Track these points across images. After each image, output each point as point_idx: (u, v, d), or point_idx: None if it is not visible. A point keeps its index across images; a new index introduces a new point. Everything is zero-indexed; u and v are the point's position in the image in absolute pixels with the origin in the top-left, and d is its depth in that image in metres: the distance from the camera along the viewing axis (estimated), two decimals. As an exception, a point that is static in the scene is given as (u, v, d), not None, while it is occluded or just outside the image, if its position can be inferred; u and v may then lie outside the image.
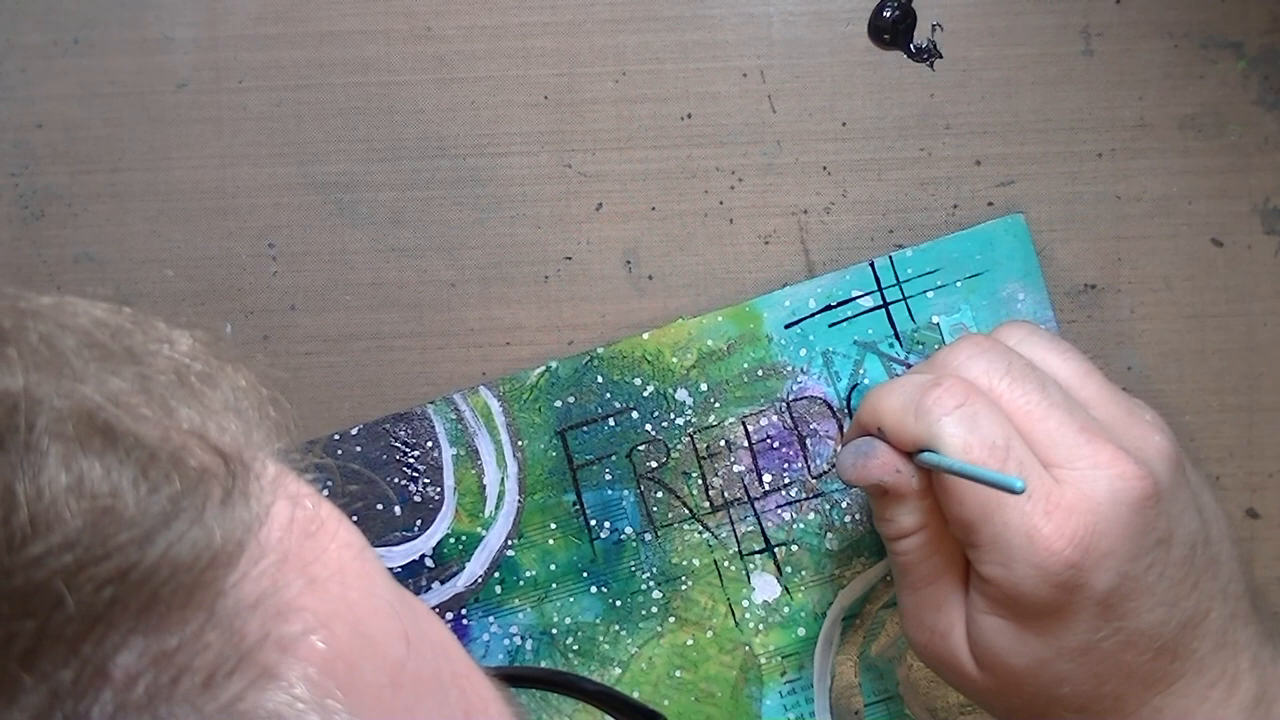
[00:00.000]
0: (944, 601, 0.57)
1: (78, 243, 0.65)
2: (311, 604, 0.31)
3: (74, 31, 0.65)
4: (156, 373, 0.32)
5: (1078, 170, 0.65)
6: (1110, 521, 0.52)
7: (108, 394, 0.30)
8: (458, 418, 0.64)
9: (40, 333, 0.31)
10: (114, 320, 0.33)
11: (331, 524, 0.34)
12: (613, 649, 0.64)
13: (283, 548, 0.31)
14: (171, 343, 0.33)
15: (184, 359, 0.33)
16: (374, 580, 0.34)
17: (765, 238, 0.65)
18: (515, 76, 0.65)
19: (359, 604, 0.33)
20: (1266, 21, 0.64)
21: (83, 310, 0.33)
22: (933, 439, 0.54)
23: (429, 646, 0.35)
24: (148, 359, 0.32)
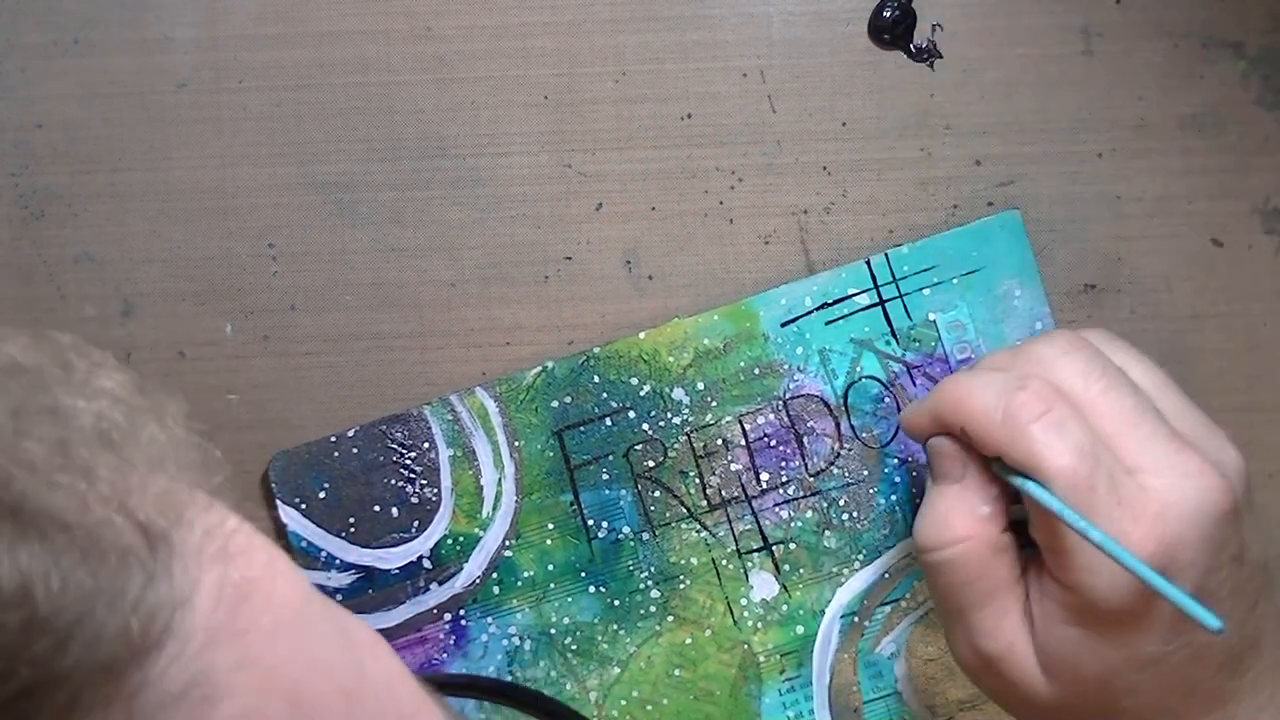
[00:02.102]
0: (996, 627, 0.56)
1: (78, 243, 0.65)
2: (243, 683, 0.29)
3: (74, 31, 0.65)
4: (76, 431, 0.30)
5: (1078, 170, 0.65)
6: (1194, 531, 0.52)
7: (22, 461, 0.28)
8: (454, 419, 0.64)
9: None
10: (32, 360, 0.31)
11: (265, 582, 0.32)
12: (611, 648, 0.64)
13: (211, 623, 0.29)
14: (93, 393, 0.31)
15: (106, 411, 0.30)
16: (312, 638, 0.32)
17: (765, 238, 0.65)
18: (515, 76, 0.65)
19: (295, 670, 0.31)
20: (1266, 21, 0.64)
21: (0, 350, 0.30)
22: (1020, 447, 0.54)
23: (372, 694, 0.33)
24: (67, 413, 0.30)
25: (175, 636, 0.28)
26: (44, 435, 0.29)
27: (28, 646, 0.26)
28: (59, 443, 0.29)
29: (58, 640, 0.26)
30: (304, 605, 0.33)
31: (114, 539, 0.28)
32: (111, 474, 0.29)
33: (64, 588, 0.27)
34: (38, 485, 0.28)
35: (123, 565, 0.28)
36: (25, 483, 0.28)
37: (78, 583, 0.27)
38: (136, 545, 0.28)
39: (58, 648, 0.26)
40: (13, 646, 0.26)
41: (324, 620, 0.33)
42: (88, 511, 0.28)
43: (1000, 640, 0.56)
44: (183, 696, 0.28)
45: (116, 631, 0.27)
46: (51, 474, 0.28)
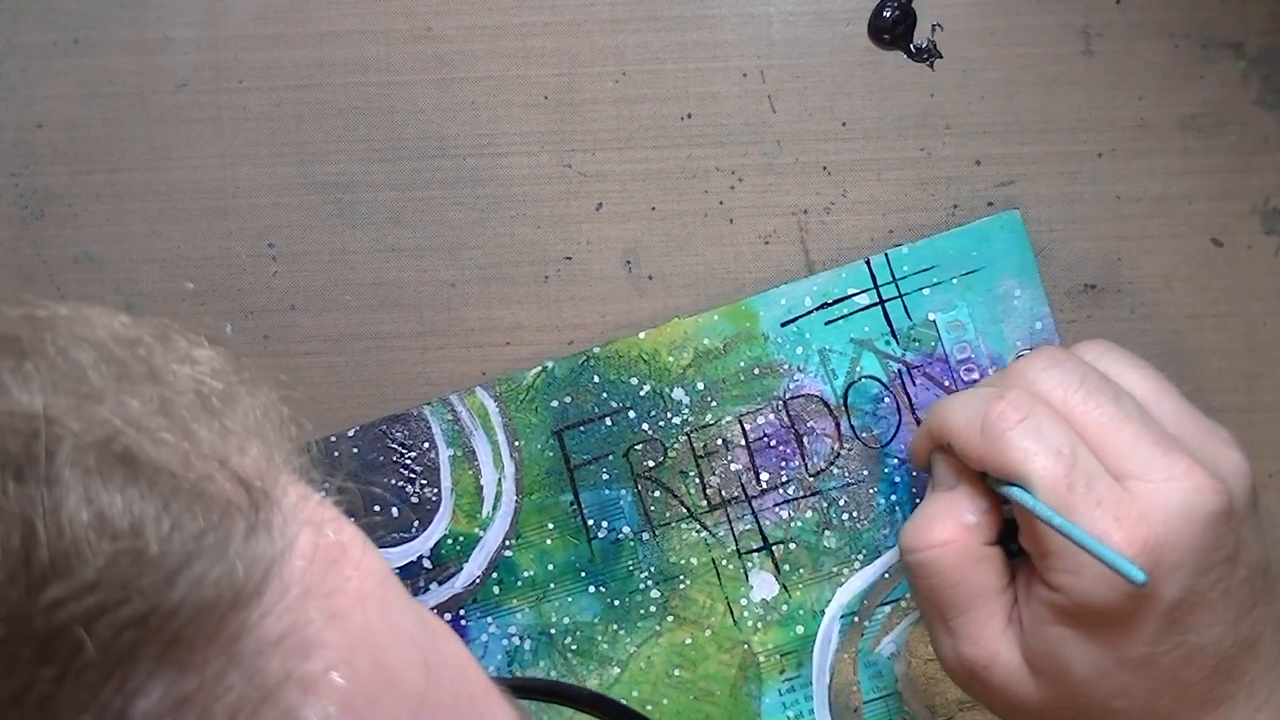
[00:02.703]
0: (979, 634, 0.56)
1: (78, 243, 0.66)
2: (333, 639, 0.30)
3: (74, 31, 0.65)
4: (177, 393, 0.31)
5: (1078, 170, 0.65)
6: (1182, 534, 0.52)
7: (128, 417, 0.29)
8: (454, 418, 0.64)
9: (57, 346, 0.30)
10: (133, 334, 0.32)
11: (354, 551, 0.33)
12: (611, 648, 0.64)
13: (305, 580, 0.31)
14: (193, 361, 0.32)
15: (205, 378, 0.32)
16: (395, 608, 0.34)
17: (765, 238, 0.65)
18: (515, 76, 0.65)
19: (380, 634, 0.32)
20: (1266, 21, 0.64)
21: (101, 322, 0.32)
22: (999, 454, 0.54)
23: (448, 671, 0.34)
24: (168, 378, 0.31)
25: (273, 587, 0.29)
26: (147, 396, 0.30)
27: (137, 579, 0.27)
28: (161, 403, 0.30)
29: (166, 576, 0.27)
30: (387, 577, 0.34)
31: (217, 492, 0.29)
32: (211, 435, 0.31)
33: (172, 531, 0.28)
34: (143, 440, 0.29)
35: (226, 515, 0.29)
36: (131, 437, 0.29)
37: (184, 527, 0.28)
38: (238, 498, 0.30)
39: (166, 583, 0.27)
40: (124, 578, 0.27)
41: (404, 595, 0.35)
42: (191, 466, 0.29)
43: (983, 648, 0.56)
44: (278, 644, 0.29)
45: (221, 574, 0.28)
46: (156, 431, 0.30)
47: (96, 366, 0.30)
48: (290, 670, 0.29)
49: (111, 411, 0.29)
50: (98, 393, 0.30)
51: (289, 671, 0.29)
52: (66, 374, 0.30)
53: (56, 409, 0.29)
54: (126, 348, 0.31)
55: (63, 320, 0.31)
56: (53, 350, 0.30)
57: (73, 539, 0.27)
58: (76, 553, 0.27)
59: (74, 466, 0.28)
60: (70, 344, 0.30)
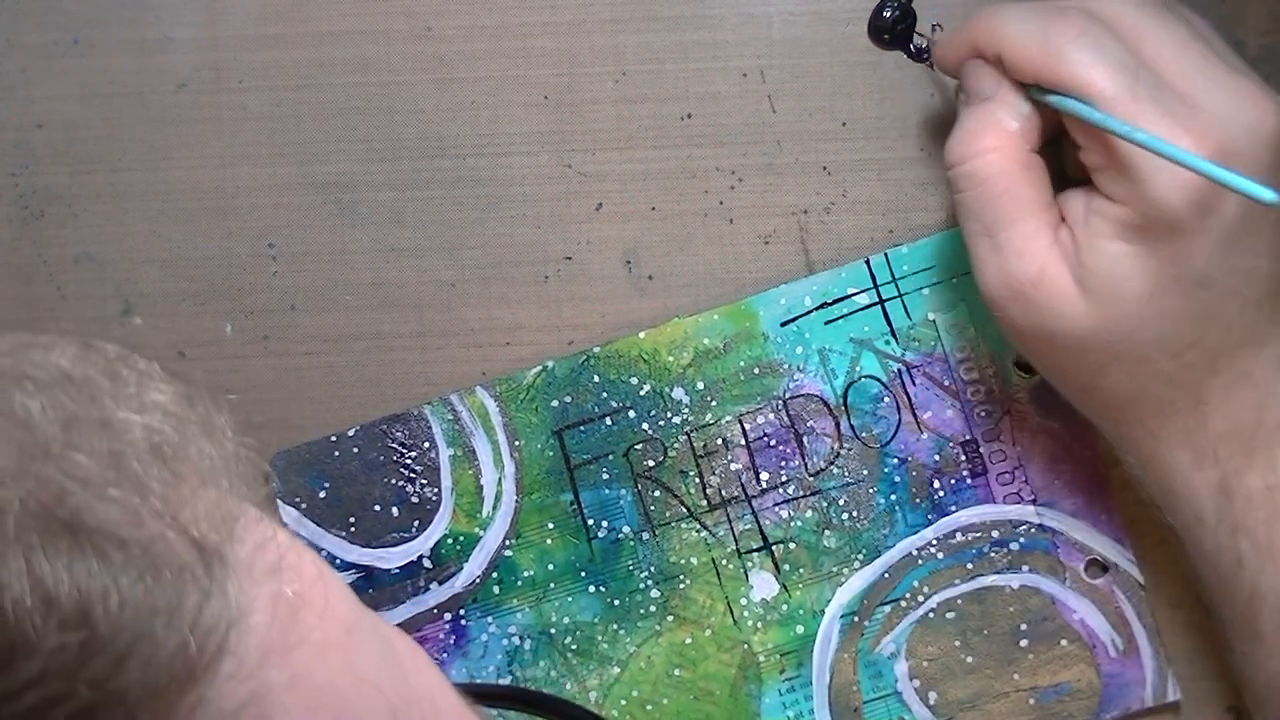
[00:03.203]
0: (1026, 247, 0.55)
1: (78, 243, 0.66)
2: (293, 700, 0.29)
3: (74, 31, 0.65)
4: (128, 444, 0.29)
5: (1077, 170, 0.65)
6: (1245, 149, 0.52)
7: (76, 475, 0.28)
8: (454, 418, 0.64)
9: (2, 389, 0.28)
10: (81, 372, 0.30)
11: (316, 599, 0.32)
12: (611, 648, 0.64)
13: (264, 641, 0.29)
14: (144, 407, 0.31)
15: (156, 425, 0.30)
16: (360, 654, 0.32)
17: (765, 238, 0.65)
18: (515, 76, 0.65)
19: (343, 687, 0.31)
20: (1266, 21, 0.64)
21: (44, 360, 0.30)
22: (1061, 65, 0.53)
23: (417, 708, 0.33)
24: (118, 427, 0.30)
25: (231, 654, 0.28)
26: (96, 449, 0.29)
27: (86, 666, 0.26)
28: (111, 456, 0.29)
29: (116, 659, 0.26)
30: (352, 620, 0.33)
31: (169, 556, 0.28)
32: (164, 488, 0.29)
33: (122, 606, 0.27)
34: (91, 499, 0.28)
35: (179, 583, 0.28)
36: (80, 497, 0.27)
37: (136, 601, 0.27)
38: (191, 562, 0.28)
39: (116, 667, 0.26)
40: (71, 666, 0.26)
41: (370, 634, 0.33)
42: (142, 526, 0.28)
43: (1031, 262, 0.55)
44: (237, 715, 0.28)
45: (174, 650, 0.27)
46: (105, 488, 0.28)
47: (43, 414, 0.28)
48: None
49: (58, 470, 0.28)
50: (45, 446, 0.28)
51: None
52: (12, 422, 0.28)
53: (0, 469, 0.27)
54: (74, 389, 0.30)
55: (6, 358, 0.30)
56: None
57: (16, 627, 0.25)
58: (21, 642, 0.26)
59: (16, 542, 0.26)
60: (14, 385, 0.29)
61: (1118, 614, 0.64)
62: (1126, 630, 0.64)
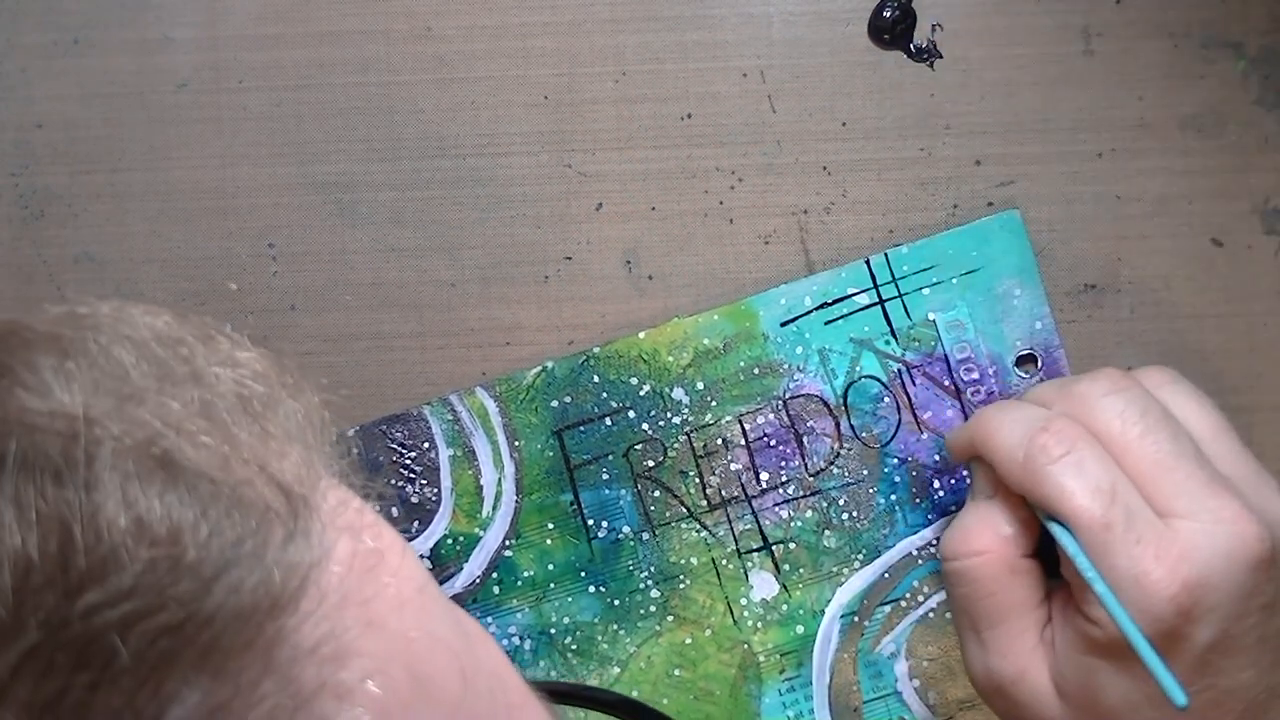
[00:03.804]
0: (1009, 648, 0.56)
1: (78, 243, 0.66)
2: (369, 647, 0.30)
3: (74, 31, 0.65)
4: (218, 396, 0.31)
5: (1078, 170, 0.65)
6: (1222, 577, 0.52)
7: (168, 419, 0.29)
8: (454, 419, 0.64)
9: (100, 345, 0.30)
10: (176, 333, 0.32)
11: (392, 557, 0.33)
12: (611, 648, 0.64)
13: (342, 587, 0.30)
14: (234, 364, 0.32)
15: (246, 381, 0.32)
16: (433, 615, 0.33)
17: (765, 238, 0.65)
18: (515, 76, 0.65)
19: (416, 643, 0.32)
20: (1266, 21, 0.64)
21: (144, 321, 0.32)
22: (1039, 487, 0.54)
23: (484, 678, 0.34)
24: (209, 380, 0.31)
25: (311, 594, 0.29)
26: (188, 398, 0.30)
27: (175, 586, 0.27)
28: (202, 405, 0.30)
29: (203, 584, 0.27)
30: (425, 583, 0.34)
31: (256, 497, 0.29)
32: (252, 439, 0.31)
33: (210, 536, 0.28)
34: (183, 442, 0.29)
35: (265, 521, 0.29)
36: (171, 440, 0.29)
37: (223, 533, 0.28)
38: (277, 504, 0.30)
39: (203, 590, 0.27)
40: (161, 584, 0.27)
41: (442, 602, 0.35)
42: (230, 470, 0.29)
43: (1014, 662, 0.56)
44: (314, 651, 0.29)
45: (258, 581, 0.28)
46: (196, 434, 0.30)
47: (138, 366, 0.30)
48: (325, 679, 0.29)
49: (152, 413, 0.29)
50: (139, 394, 0.30)
51: (324, 680, 0.29)
52: (108, 373, 0.30)
53: (97, 410, 0.29)
54: (168, 348, 0.31)
55: (106, 318, 0.31)
56: (95, 349, 0.30)
57: (110, 544, 0.27)
58: (114, 558, 0.27)
59: (113, 470, 0.28)
60: (112, 343, 0.30)
61: (1117, 614, 0.64)
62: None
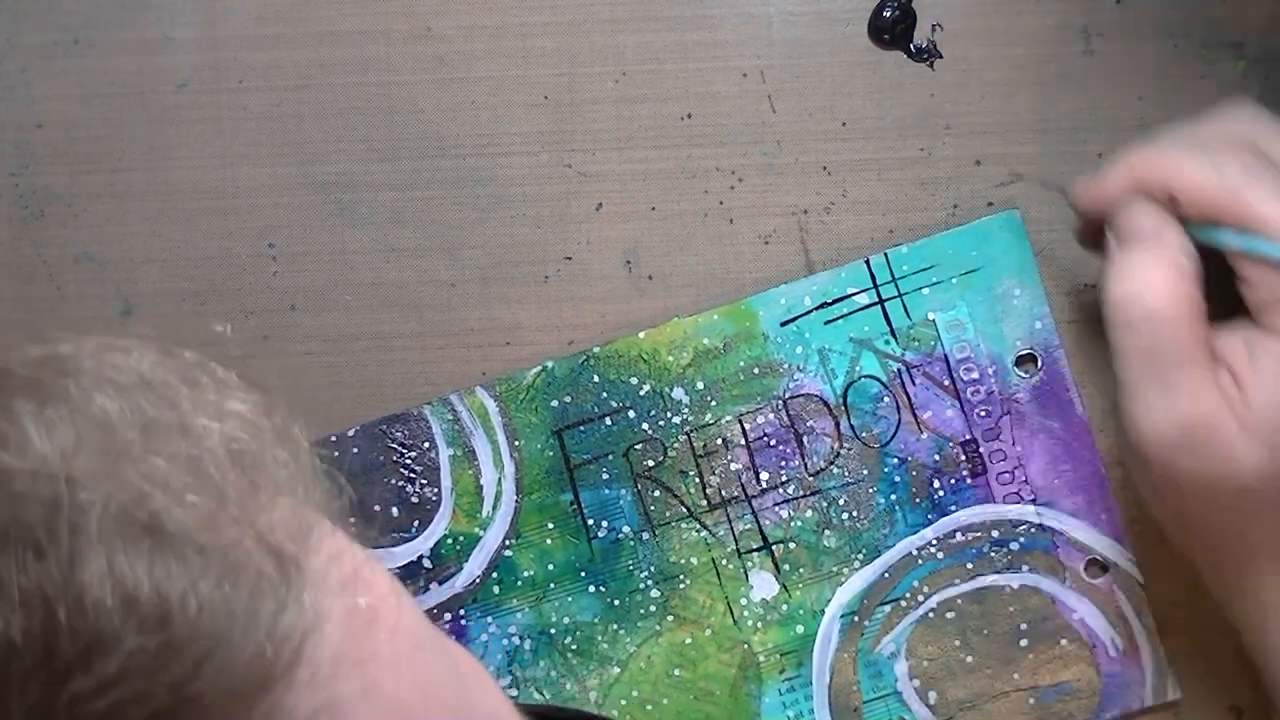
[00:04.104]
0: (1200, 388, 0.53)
1: (78, 243, 0.66)
2: (364, 712, 0.29)
3: (74, 31, 0.65)
4: (206, 450, 0.30)
5: (1078, 170, 0.65)
6: None
7: (155, 478, 0.28)
8: (454, 418, 0.64)
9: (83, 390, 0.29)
10: (161, 377, 0.31)
11: (388, 614, 0.32)
12: (611, 648, 0.64)
13: (337, 652, 0.29)
14: (223, 415, 0.31)
15: (235, 433, 0.31)
16: (429, 670, 0.33)
17: (765, 238, 0.65)
18: (515, 76, 0.65)
19: (411, 701, 0.31)
20: (1266, 21, 0.64)
21: (128, 364, 0.30)
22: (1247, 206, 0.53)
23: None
24: (197, 432, 0.30)
25: (306, 662, 0.28)
26: (174, 453, 0.29)
27: (164, 668, 0.26)
28: (190, 461, 0.29)
29: (193, 662, 0.26)
30: (421, 634, 0.33)
31: (247, 562, 0.28)
32: (241, 495, 0.29)
33: (200, 610, 0.27)
34: (170, 503, 0.28)
35: (256, 590, 0.28)
36: (159, 500, 0.28)
37: (214, 605, 0.27)
38: (268, 569, 0.28)
39: (193, 670, 0.26)
40: (149, 668, 0.26)
41: (438, 651, 0.34)
42: (220, 532, 0.28)
43: (1204, 403, 0.52)
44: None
45: (250, 656, 0.27)
46: (183, 493, 0.28)
47: (123, 416, 0.29)
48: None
49: (138, 472, 0.28)
50: (124, 449, 0.28)
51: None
52: (92, 423, 0.28)
53: (80, 469, 0.27)
54: (154, 393, 0.30)
55: (88, 360, 0.30)
56: (77, 394, 0.29)
57: (97, 625, 0.26)
58: (100, 641, 0.26)
59: (98, 542, 0.26)
60: (95, 388, 0.29)
61: (1117, 613, 0.64)
62: (1126, 630, 0.64)
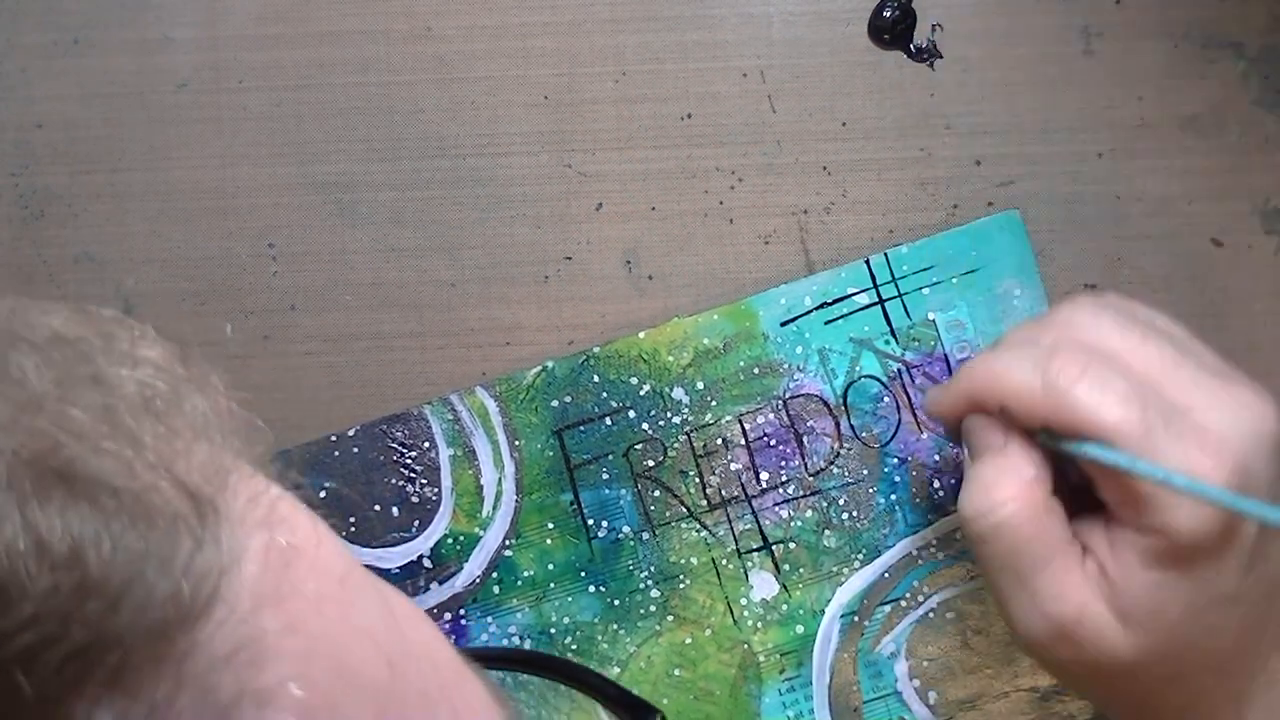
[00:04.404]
0: (1063, 587, 0.54)
1: (78, 243, 0.66)
2: (288, 647, 0.29)
3: (74, 31, 0.65)
4: (120, 398, 0.30)
5: (1078, 170, 0.65)
6: (1257, 457, 0.51)
7: (69, 428, 0.28)
8: (454, 418, 0.64)
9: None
10: (74, 332, 0.31)
11: (308, 551, 0.32)
12: (611, 648, 0.64)
13: (257, 589, 0.30)
14: (136, 362, 0.31)
15: (149, 379, 0.31)
16: (355, 606, 0.33)
17: (765, 238, 0.65)
18: (515, 76, 0.65)
19: (338, 637, 0.31)
20: (1266, 21, 0.64)
21: (39, 321, 0.31)
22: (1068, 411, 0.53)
23: (414, 664, 0.33)
24: (111, 381, 0.30)
25: (223, 600, 0.29)
26: (89, 403, 0.29)
27: (79, 608, 0.26)
28: (104, 410, 0.29)
29: (109, 602, 0.27)
30: (347, 573, 0.33)
31: (162, 504, 0.28)
32: (157, 441, 0.30)
33: (114, 552, 0.27)
34: (84, 451, 0.28)
35: (171, 530, 0.28)
36: (73, 448, 0.28)
37: (128, 547, 0.27)
38: (184, 510, 0.29)
39: (109, 610, 0.27)
40: (65, 608, 0.26)
41: (366, 588, 0.34)
42: (135, 477, 0.28)
43: (1071, 600, 0.54)
44: (230, 659, 0.28)
45: (167, 595, 0.27)
46: (98, 440, 0.29)
47: (37, 370, 0.29)
48: (244, 686, 0.28)
49: (51, 422, 0.28)
50: (37, 400, 0.28)
51: (243, 687, 0.28)
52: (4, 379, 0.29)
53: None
54: (68, 348, 0.30)
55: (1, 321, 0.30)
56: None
57: (10, 569, 0.26)
58: (14, 584, 0.26)
59: (10, 490, 0.27)
60: (9, 346, 0.29)
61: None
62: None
